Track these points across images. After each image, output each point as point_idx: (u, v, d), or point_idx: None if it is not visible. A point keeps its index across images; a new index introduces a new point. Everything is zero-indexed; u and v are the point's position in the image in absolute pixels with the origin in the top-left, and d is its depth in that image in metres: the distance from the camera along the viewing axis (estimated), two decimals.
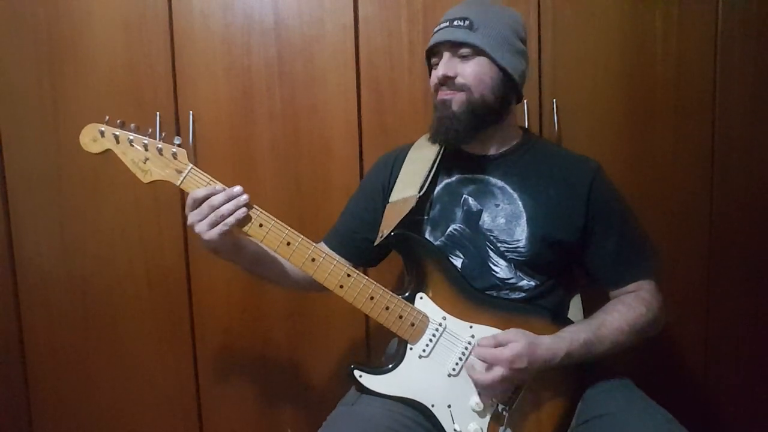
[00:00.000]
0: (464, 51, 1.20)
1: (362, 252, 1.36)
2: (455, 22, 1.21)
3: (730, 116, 1.74)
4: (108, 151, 1.13)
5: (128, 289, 1.77)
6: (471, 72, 1.20)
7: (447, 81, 1.22)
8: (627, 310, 1.21)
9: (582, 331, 1.16)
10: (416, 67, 1.71)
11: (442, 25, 1.23)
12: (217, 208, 1.08)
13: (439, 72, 1.22)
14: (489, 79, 1.21)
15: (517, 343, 1.09)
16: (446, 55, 1.22)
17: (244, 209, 1.10)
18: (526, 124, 1.67)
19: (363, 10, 1.70)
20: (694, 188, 1.77)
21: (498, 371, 1.08)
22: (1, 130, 1.71)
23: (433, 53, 1.27)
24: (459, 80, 1.21)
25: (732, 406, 1.84)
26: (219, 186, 1.11)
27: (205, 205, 1.09)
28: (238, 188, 1.11)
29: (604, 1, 1.70)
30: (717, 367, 1.82)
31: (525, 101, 1.67)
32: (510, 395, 1.15)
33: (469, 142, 1.26)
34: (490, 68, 1.21)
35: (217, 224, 1.08)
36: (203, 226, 1.09)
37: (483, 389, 1.14)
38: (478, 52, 1.20)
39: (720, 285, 1.80)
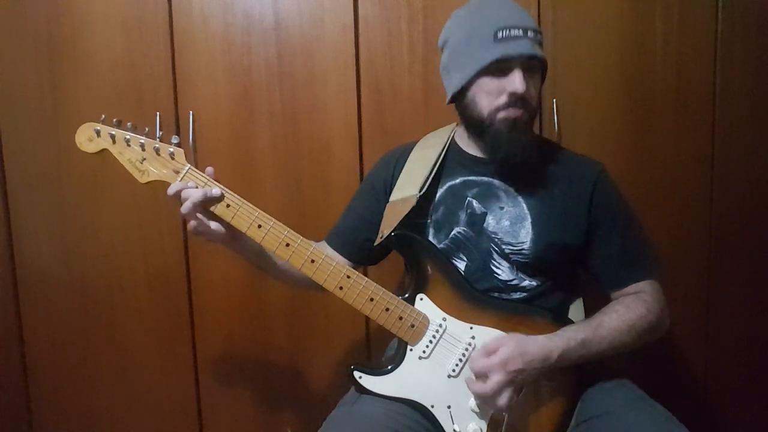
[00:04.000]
0: (534, 65, 1.17)
1: (363, 251, 1.36)
2: (529, 33, 1.14)
3: (730, 116, 1.74)
4: (104, 150, 1.12)
5: (128, 289, 1.77)
6: (536, 88, 1.19)
7: (523, 99, 1.16)
8: (626, 311, 1.20)
9: (580, 331, 1.15)
10: (416, 67, 1.71)
11: (515, 33, 1.13)
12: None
13: (521, 88, 1.13)
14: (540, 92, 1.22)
15: (505, 346, 1.09)
16: (520, 70, 1.14)
17: (199, 191, 1.10)
18: None
19: (363, 10, 1.70)
20: (694, 188, 1.77)
21: (495, 378, 1.08)
22: (1, 130, 1.71)
23: (499, 61, 1.15)
24: (530, 97, 1.17)
25: (732, 406, 1.84)
26: (216, 188, 1.11)
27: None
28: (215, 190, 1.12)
29: (604, 1, 1.70)
30: (717, 367, 1.83)
31: None
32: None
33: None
34: (541, 83, 1.22)
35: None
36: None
37: (486, 400, 1.12)
38: (542, 67, 1.19)
39: (720, 285, 1.80)
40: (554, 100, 1.70)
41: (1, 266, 1.75)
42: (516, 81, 1.14)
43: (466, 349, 1.16)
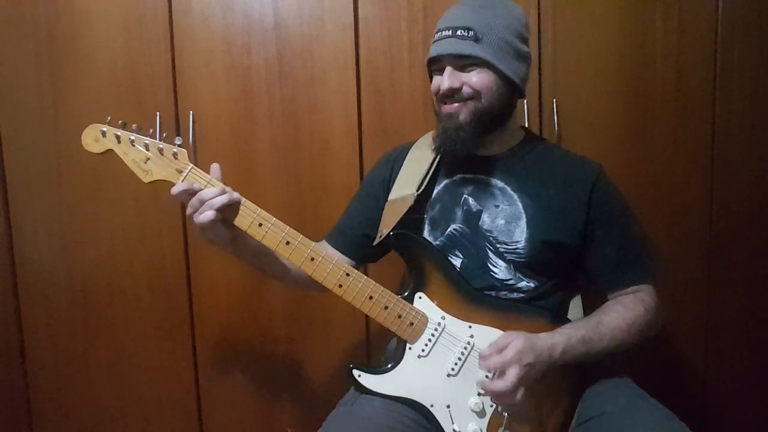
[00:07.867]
0: (468, 62, 1.18)
1: (364, 249, 1.36)
2: (458, 32, 1.17)
3: (730, 116, 1.74)
4: (109, 151, 1.15)
5: (128, 289, 1.77)
6: (477, 81, 1.18)
7: (453, 93, 1.20)
8: (625, 310, 1.21)
9: (580, 328, 1.16)
10: (416, 67, 1.71)
11: (444, 34, 1.19)
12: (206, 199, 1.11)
13: (443, 85, 1.19)
14: (495, 87, 1.19)
15: (516, 340, 1.09)
16: (449, 68, 1.19)
17: (225, 196, 1.10)
18: (526, 123, 1.67)
19: (363, 10, 1.70)
20: (694, 188, 1.76)
21: (513, 372, 1.07)
22: (1, 130, 1.72)
23: (433, 61, 1.24)
24: (466, 90, 1.19)
25: (732, 405, 1.84)
26: (218, 187, 1.12)
27: (194, 198, 1.11)
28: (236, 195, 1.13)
29: (604, 1, 1.70)
30: (717, 367, 1.82)
31: (525, 101, 1.66)
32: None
33: (475, 149, 1.24)
34: (494, 78, 1.19)
35: (200, 211, 1.10)
36: (194, 214, 1.12)
37: (505, 400, 1.10)
38: (482, 63, 1.18)
39: (720, 285, 1.80)
40: (554, 100, 1.70)
41: (1, 266, 1.75)
42: (441, 78, 1.20)
43: (465, 348, 1.16)
